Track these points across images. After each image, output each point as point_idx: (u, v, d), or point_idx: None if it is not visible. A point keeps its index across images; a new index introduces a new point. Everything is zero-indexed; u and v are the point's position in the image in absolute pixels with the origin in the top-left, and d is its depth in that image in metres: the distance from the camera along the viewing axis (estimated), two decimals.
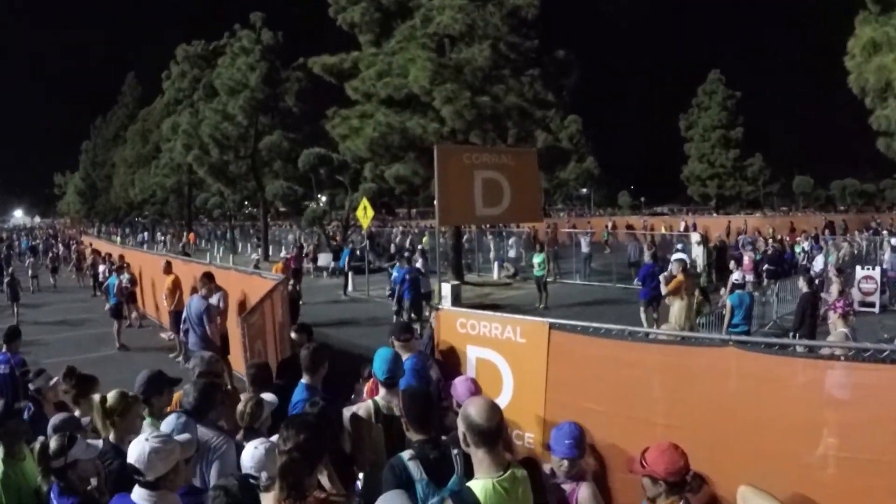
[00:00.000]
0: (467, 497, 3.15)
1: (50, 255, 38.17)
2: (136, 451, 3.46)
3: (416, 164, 25.58)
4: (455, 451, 3.83)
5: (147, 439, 3.50)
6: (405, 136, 24.80)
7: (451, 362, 6.67)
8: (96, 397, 5.06)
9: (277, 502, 3.34)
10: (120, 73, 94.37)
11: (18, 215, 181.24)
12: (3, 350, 8.47)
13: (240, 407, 5.15)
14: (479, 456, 3.25)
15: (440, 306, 7.20)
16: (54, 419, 5.43)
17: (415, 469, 3.92)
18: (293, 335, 7.49)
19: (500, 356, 6.20)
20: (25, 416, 6.43)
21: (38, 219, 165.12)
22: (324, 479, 3.79)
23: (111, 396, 4.92)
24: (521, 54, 23.63)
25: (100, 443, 4.55)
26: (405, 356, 5.85)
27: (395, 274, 18.23)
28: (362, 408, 5.05)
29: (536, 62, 24.24)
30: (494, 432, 3.23)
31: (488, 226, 37.97)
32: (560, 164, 34.78)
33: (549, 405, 5.72)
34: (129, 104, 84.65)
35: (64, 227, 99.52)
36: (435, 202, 7.68)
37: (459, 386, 5.44)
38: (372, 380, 6.04)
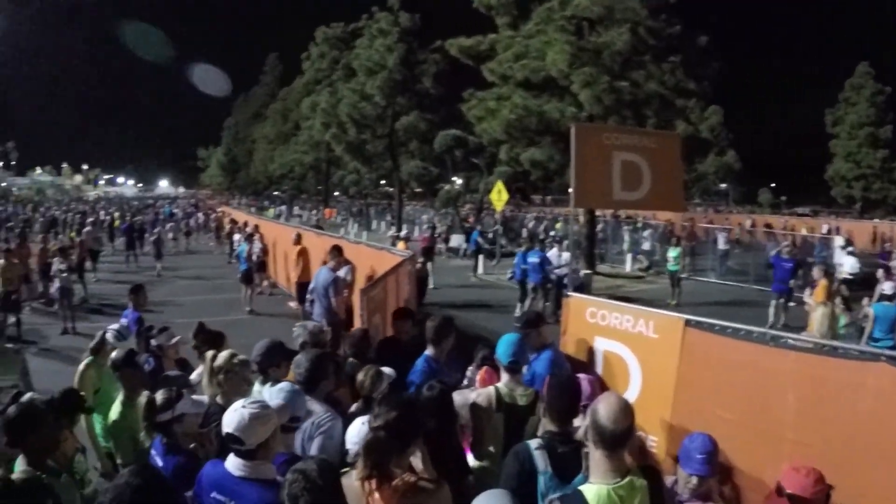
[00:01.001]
0: (577, 501, 3.06)
1: (186, 221, 41.36)
2: (234, 418, 3.40)
3: (553, 150, 25.62)
4: (585, 449, 3.59)
5: (244, 406, 3.45)
6: (542, 120, 24.87)
7: (577, 354, 6.34)
8: (209, 354, 5.29)
9: (360, 481, 3.32)
10: (261, 55, 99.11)
11: (164, 186, 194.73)
12: (130, 307, 9.06)
13: (360, 376, 5.17)
14: (596, 457, 3.14)
15: (570, 294, 6.92)
16: (165, 374, 5.77)
17: (541, 460, 3.81)
18: (398, 320, 7.24)
19: (629, 350, 5.84)
20: (146, 370, 6.47)
21: (181, 189, 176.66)
22: (417, 463, 3.62)
23: (221, 356, 5.09)
24: (662, 40, 23.16)
25: (205, 398, 4.85)
26: (538, 346, 5.81)
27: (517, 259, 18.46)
28: (482, 395, 4.90)
29: (677, 49, 23.73)
30: (619, 436, 3.07)
31: (624, 215, 37.59)
32: (699, 156, 33.88)
33: (676, 408, 5.34)
34: (270, 84, 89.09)
35: (205, 198, 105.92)
36: (570, 184, 7.26)
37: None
38: (485, 368, 6.04)
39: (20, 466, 3.90)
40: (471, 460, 4.83)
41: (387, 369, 5.29)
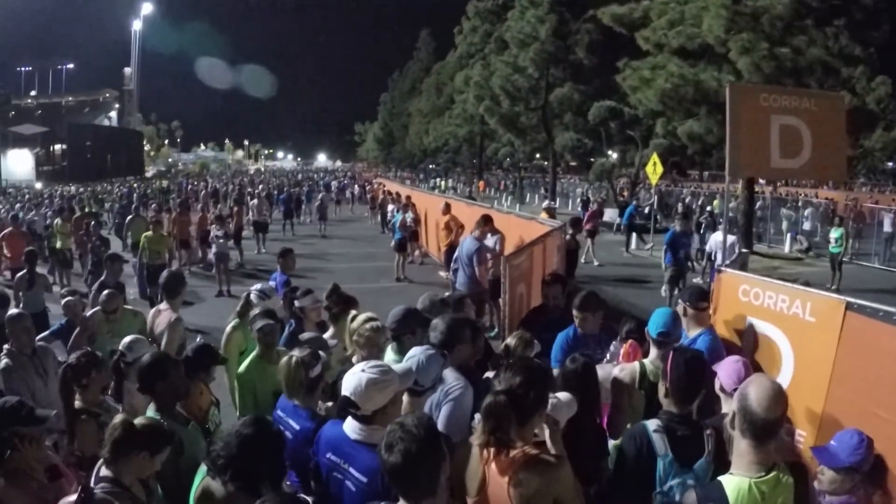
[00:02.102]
0: (716, 493, 2.92)
1: (336, 191, 44.98)
2: (352, 381, 3.40)
3: (710, 121, 25.00)
4: (708, 432, 3.58)
5: (364, 370, 3.43)
6: (698, 89, 24.36)
7: (726, 334, 5.89)
8: (350, 315, 5.51)
9: (479, 447, 3.29)
10: (414, 30, 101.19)
11: (322, 159, 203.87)
12: (279, 270, 9.47)
13: (510, 340, 5.21)
14: (741, 447, 2.95)
15: (724, 268, 6.53)
16: (303, 335, 5.88)
17: (660, 443, 3.62)
18: (547, 285, 6.95)
19: (782, 334, 5.33)
20: (286, 331, 6.71)
21: (338, 163, 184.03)
22: (544, 437, 3.51)
23: (358, 319, 5.23)
24: (825, 1, 21.93)
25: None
26: (695, 329, 5.47)
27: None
28: (626, 370, 4.74)
29: (842, 11, 22.44)
30: (770, 425, 2.90)
31: (784, 192, 36.00)
32: (865, 131, 31.86)
33: (829, 401, 4.80)
34: (424, 59, 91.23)
35: (361, 170, 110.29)
36: (726, 151, 6.97)
37: (727, 367, 4.34)
38: (629, 342, 5.67)
39: (150, 412, 4.28)
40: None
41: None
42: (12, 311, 6.79)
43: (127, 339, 5.43)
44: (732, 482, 2.89)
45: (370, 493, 3.24)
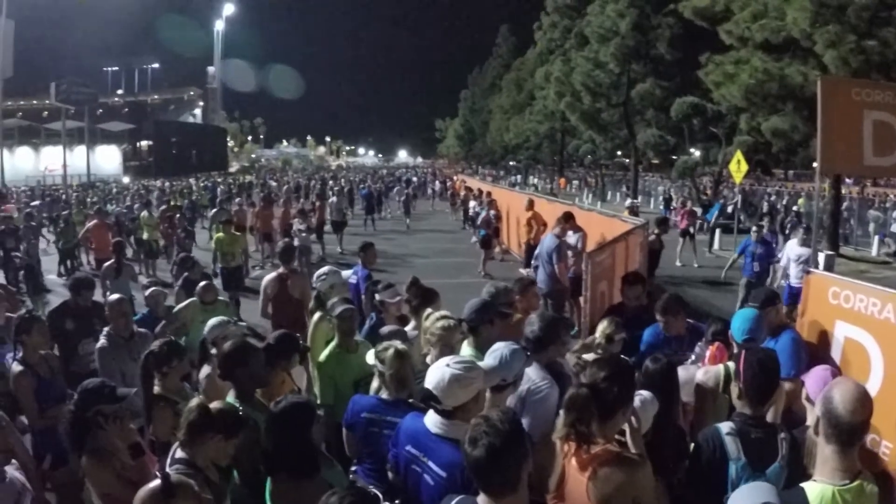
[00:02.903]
0: (798, 500, 2.83)
1: (410, 187, 44.94)
2: (435, 375, 3.43)
3: (796, 118, 24.38)
4: (782, 436, 3.55)
5: (448, 365, 3.45)
6: (783, 85, 23.73)
7: (813, 338, 5.68)
8: (426, 312, 5.51)
9: (559, 440, 3.29)
10: (494, 26, 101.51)
11: (402, 155, 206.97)
12: (360, 264, 9.48)
13: (600, 329, 5.34)
14: (826, 453, 2.84)
15: (812, 269, 6.28)
16: (384, 329, 5.93)
17: (732, 446, 3.56)
18: (627, 285, 6.94)
19: (871, 339, 5.06)
20: (367, 324, 6.80)
21: (419, 159, 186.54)
22: (625, 435, 3.45)
23: (431, 317, 5.23)
24: None
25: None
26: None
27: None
28: (710, 373, 4.72)
29: None
30: (856, 429, 2.80)
31: (871, 194, 34.83)
32: None
33: None
34: (504, 55, 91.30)
35: (442, 167, 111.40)
36: (816, 149, 6.61)
37: (815, 376, 4.13)
38: (716, 345, 5.47)
39: (229, 399, 4.40)
40: None
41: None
42: (113, 295, 7.10)
43: (213, 320, 5.68)
44: (815, 489, 2.80)
45: (448, 488, 3.24)
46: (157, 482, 2.88)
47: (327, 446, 4.65)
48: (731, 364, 4.61)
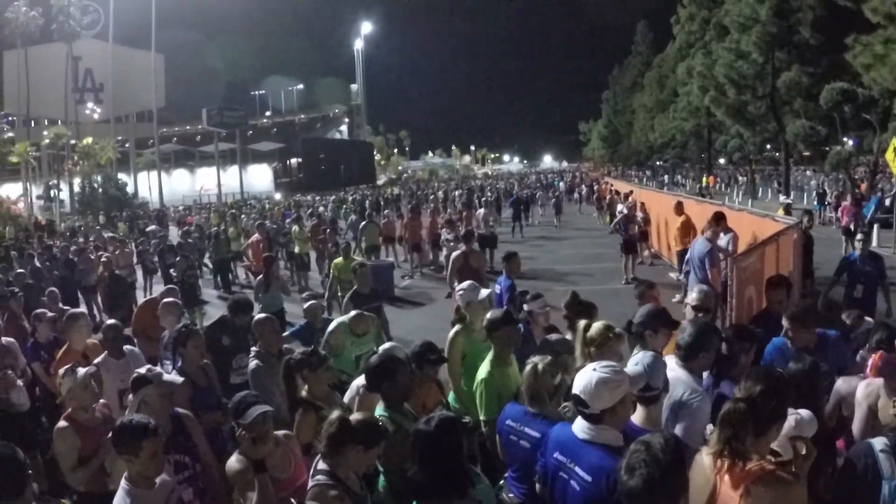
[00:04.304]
0: None
1: (556, 193, 45.59)
2: (583, 380, 3.45)
3: None
4: None
5: (595, 369, 3.48)
6: None
7: None
8: (582, 324, 5.34)
9: (712, 456, 3.18)
10: (631, 23, 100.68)
11: (547, 160, 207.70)
12: (504, 274, 9.63)
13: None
14: None
15: None
16: (552, 336, 5.75)
17: (886, 464, 3.43)
18: (770, 289, 6.71)
19: None
20: None
21: (564, 163, 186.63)
22: (785, 451, 3.37)
23: (595, 326, 5.17)
24: None
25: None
26: None
27: None
28: (873, 385, 4.51)
29: None
30: None
31: None
32: None
33: None
34: (644, 52, 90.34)
35: (587, 170, 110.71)
36: None
37: None
38: (880, 353, 5.00)
39: (378, 410, 4.61)
40: None
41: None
42: (259, 315, 7.30)
43: (386, 346, 5.65)
44: None
45: (594, 492, 3.31)
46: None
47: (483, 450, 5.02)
48: None
